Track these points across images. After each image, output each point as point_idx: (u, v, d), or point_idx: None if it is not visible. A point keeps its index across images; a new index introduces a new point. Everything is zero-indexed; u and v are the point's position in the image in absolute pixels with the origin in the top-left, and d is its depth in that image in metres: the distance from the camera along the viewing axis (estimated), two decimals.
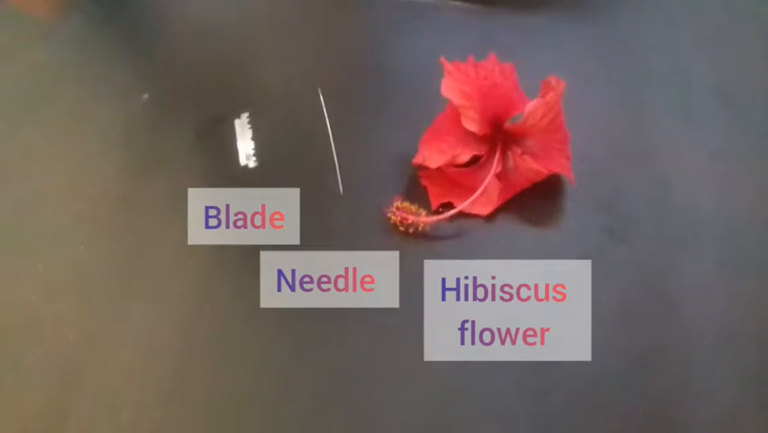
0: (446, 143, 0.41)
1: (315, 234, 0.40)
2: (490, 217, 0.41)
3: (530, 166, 0.40)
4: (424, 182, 0.42)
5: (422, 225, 0.40)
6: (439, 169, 0.41)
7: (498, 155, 0.41)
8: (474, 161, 0.42)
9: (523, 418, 0.35)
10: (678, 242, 0.41)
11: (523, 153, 0.41)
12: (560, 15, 0.51)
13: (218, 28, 0.51)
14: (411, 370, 0.36)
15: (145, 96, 0.46)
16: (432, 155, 0.41)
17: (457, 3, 0.52)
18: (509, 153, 0.41)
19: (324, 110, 0.46)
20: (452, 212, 0.40)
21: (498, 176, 0.41)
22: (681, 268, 0.40)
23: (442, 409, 0.35)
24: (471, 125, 0.40)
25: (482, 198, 0.41)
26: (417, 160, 0.41)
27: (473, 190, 0.41)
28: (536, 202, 0.42)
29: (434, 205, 0.41)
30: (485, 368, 0.36)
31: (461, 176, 0.42)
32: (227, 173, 0.43)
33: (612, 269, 0.40)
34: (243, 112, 0.46)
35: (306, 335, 0.37)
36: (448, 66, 0.40)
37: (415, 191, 0.42)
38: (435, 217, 0.40)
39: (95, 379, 0.36)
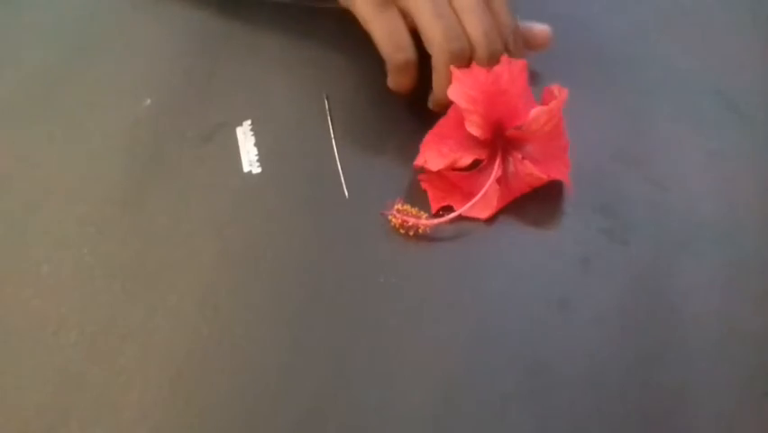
0: (448, 147, 0.41)
1: (316, 235, 0.41)
2: (490, 220, 0.41)
3: (530, 171, 0.41)
4: (424, 185, 0.42)
5: (422, 227, 0.40)
6: (439, 172, 0.41)
7: (498, 160, 0.41)
8: (475, 165, 0.42)
9: (523, 418, 0.35)
10: (677, 242, 0.41)
11: (523, 159, 0.41)
12: (559, 20, 0.51)
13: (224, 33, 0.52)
14: (411, 369, 0.36)
15: (148, 101, 0.47)
16: (433, 158, 0.41)
17: None
18: (510, 159, 0.42)
19: (329, 114, 0.46)
20: (452, 215, 0.41)
21: (498, 180, 0.41)
22: (681, 269, 0.40)
23: (442, 408, 0.35)
24: (475, 130, 0.40)
25: (482, 201, 0.41)
26: (418, 162, 0.42)
27: (473, 194, 0.41)
28: (536, 204, 0.42)
29: (434, 208, 0.42)
30: (485, 368, 0.36)
31: (462, 180, 0.42)
32: (230, 178, 0.43)
33: (612, 269, 0.40)
34: (245, 119, 0.46)
35: (306, 335, 0.37)
36: (456, 72, 0.40)
37: (415, 194, 0.42)
38: (436, 220, 0.40)
39: (95, 379, 0.36)
